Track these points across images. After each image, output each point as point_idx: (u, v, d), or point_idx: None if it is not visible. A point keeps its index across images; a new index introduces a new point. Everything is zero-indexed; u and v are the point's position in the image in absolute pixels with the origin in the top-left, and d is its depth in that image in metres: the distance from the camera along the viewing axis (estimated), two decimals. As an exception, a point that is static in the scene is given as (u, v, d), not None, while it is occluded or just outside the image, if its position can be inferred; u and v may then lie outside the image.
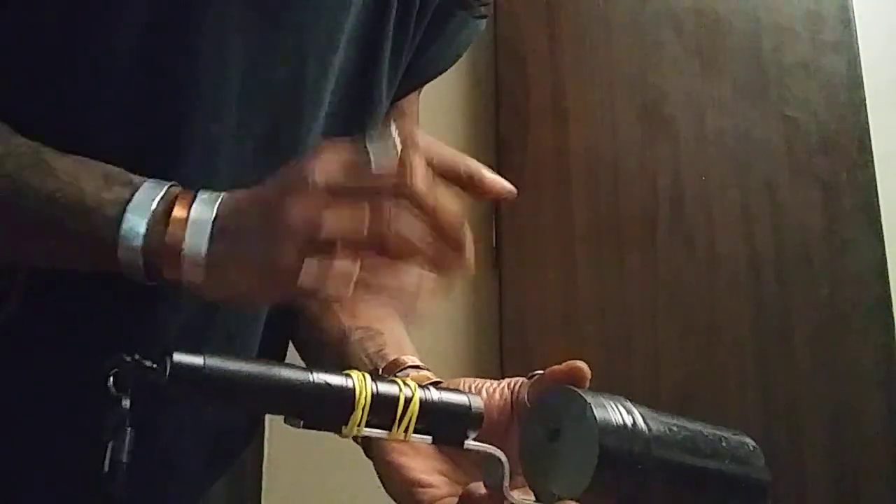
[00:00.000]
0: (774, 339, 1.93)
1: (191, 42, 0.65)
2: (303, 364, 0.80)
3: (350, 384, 0.49)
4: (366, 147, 0.53)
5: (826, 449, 1.86)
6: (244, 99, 0.68)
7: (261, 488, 1.71)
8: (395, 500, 0.64)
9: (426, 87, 0.89)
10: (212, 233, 0.54)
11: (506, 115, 2.13)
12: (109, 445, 0.43)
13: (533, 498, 0.55)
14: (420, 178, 0.52)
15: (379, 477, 0.65)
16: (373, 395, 0.49)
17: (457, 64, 0.89)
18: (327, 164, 0.53)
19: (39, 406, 0.68)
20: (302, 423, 0.48)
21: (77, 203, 0.56)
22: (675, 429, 0.56)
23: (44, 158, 0.58)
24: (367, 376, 0.50)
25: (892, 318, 1.89)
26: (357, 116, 0.77)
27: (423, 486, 0.62)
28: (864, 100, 2.00)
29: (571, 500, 0.53)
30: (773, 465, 0.60)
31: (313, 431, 0.50)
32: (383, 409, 0.50)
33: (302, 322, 0.80)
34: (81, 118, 0.63)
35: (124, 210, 0.55)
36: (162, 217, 0.55)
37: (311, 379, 0.48)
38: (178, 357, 0.44)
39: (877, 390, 1.88)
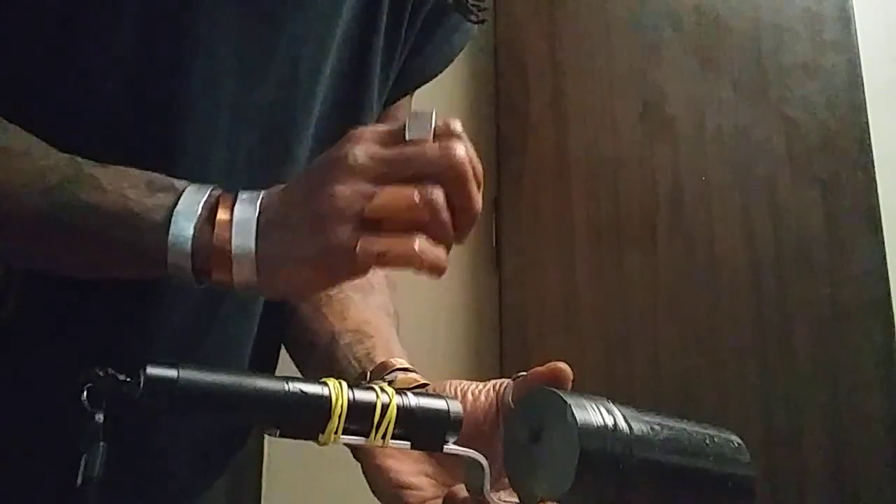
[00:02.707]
0: (774, 339, 1.93)
1: (183, 50, 0.65)
2: (294, 366, 0.80)
3: (326, 392, 0.49)
4: (402, 125, 0.53)
5: (826, 449, 1.85)
6: (236, 107, 0.69)
7: (261, 488, 1.71)
8: (381, 502, 0.64)
9: (426, 88, 0.88)
10: (257, 231, 0.54)
11: (506, 115, 2.14)
12: (83, 459, 0.42)
13: (516, 499, 0.55)
14: (461, 150, 0.52)
15: (366, 479, 0.65)
16: (349, 402, 0.49)
17: (457, 64, 0.89)
18: (365, 141, 0.53)
19: (34, 410, 0.68)
20: (278, 432, 0.48)
21: (123, 211, 0.56)
22: (657, 428, 0.55)
23: (86, 170, 0.58)
24: (344, 384, 0.50)
25: (892, 318, 1.88)
26: (349, 121, 0.77)
27: (408, 489, 0.62)
28: (864, 100, 1.99)
29: (553, 501, 0.53)
30: (773, 465, 0.60)
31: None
32: (360, 417, 0.50)
33: (293, 325, 0.80)
34: (73, 127, 0.64)
35: (171, 215, 0.55)
36: (207, 220, 0.55)
37: (286, 388, 0.47)
38: (152, 370, 0.44)
39: (877, 390, 1.87)
